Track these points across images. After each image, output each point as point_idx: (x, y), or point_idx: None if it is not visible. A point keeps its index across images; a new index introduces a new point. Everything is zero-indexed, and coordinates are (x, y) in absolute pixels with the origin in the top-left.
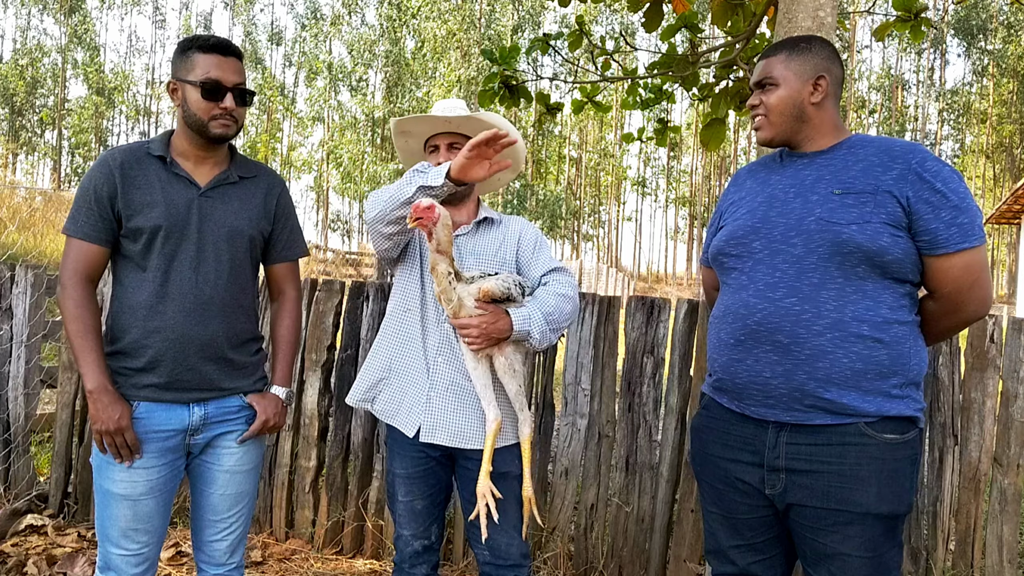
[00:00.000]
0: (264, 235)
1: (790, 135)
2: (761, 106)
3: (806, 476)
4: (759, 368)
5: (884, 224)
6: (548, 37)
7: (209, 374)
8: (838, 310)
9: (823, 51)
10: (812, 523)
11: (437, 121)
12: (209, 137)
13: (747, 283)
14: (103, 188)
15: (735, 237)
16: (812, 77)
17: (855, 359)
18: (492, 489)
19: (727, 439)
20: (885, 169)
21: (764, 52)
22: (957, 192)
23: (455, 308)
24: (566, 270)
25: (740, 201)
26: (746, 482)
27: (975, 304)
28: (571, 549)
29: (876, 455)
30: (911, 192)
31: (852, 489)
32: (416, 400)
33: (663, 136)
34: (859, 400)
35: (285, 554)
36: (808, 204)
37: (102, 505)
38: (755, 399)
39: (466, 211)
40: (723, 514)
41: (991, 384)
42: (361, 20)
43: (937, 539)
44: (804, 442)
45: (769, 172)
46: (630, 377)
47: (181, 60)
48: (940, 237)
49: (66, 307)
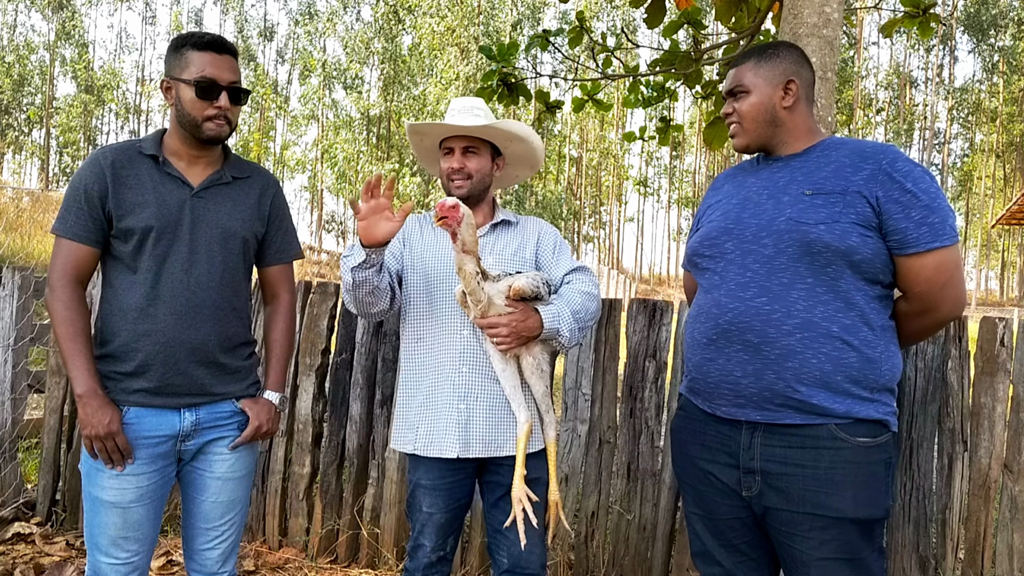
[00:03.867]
0: (258, 237)
1: (764, 140)
2: (734, 114)
3: (781, 479)
4: (730, 367)
5: (853, 224)
6: (548, 33)
7: (200, 379)
8: (808, 310)
9: (791, 56)
10: (788, 528)
11: (452, 128)
12: (202, 138)
13: (719, 283)
14: (93, 187)
15: (708, 238)
16: (782, 82)
17: (824, 360)
18: (529, 493)
19: (704, 439)
20: (856, 170)
21: (733, 61)
22: (928, 192)
23: (484, 308)
24: (588, 269)
25: (717, 204)
26: (724, 482)
27: (949, 304)
28: (571, 557)
29: (850, 458)
30: (881, 192)
31: (827, 493)
32: (449, 419)
33: (665, 135)
34: (828, 400)
35: (278, 563)
36: (780, 205)
37: (91, 513)
38: (726, 399)
39: (482, 213)
40: (705, 515)
41: (1001, 389)
42: (356, 16)
43: (946, 547)
44: (778, 444)
45: (746, 176)
46: (632, 382)
47: (175, 58)
48: (910, 236)
49: (55, 309)
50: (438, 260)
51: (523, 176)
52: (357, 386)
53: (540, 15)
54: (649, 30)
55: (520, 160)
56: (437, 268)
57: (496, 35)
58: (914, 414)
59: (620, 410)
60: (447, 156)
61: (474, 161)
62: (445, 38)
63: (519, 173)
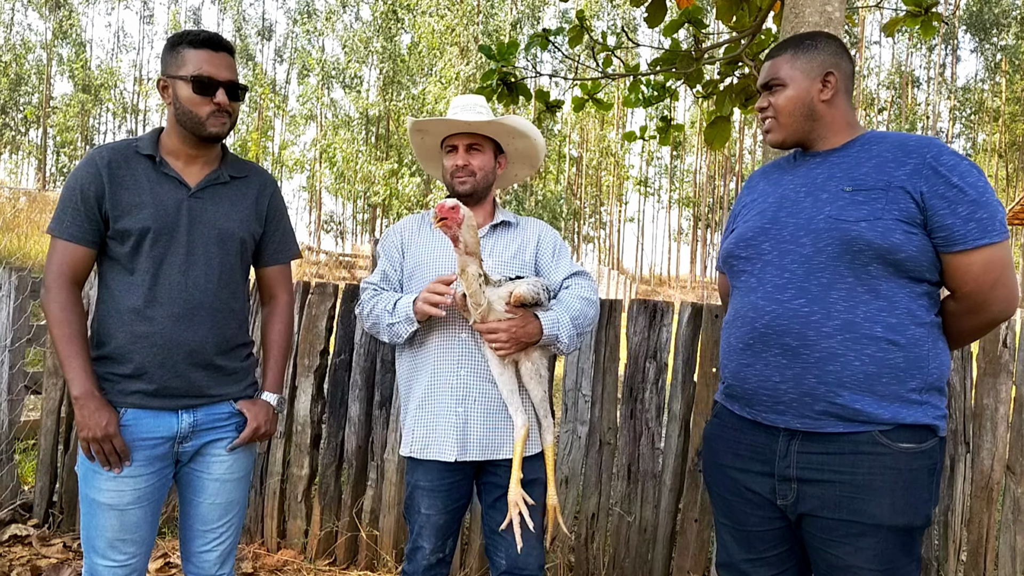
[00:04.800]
0: (255, 237)
1: (802, 135)
2: (770, 108)
3: (817, 486)
4: (768, 372)
5: (896, 220)
6: (548, 33)
7: (198, 380)
8: (849, 311)
9: (830, 46)
10: (824, 534)
11: (457, 124)
12: (201, 136)
13: (756, 285)
14: (90, 187)
15: (744, 239)
16: (820, 74)
17: (868, 362)
18: (524, 496)
19: (738, 448)
20: (898, 164)
21: (769, 52)
22: (975, 186)
23: (484, 312)
24: (587, 274)
25: (752, 203)
26: (756, 492)
27: (999, 304)
28: (572, 560)
29: (891, 465)
30: (925, 187)
31: (865, 500)
32: (447, 422)
33: (666, 135)
34: (873, 406)
35: (277, 565)
36: (818, 203)
37: (88, 515)
38: (765, 405)
39: (483, 213)
40: (734, 526)
41: (1004, 390)
42: (355, 15)
43: (948, 550)
44: (816, 451)
45: (782, 173)
46: (632, 383)
47: (171, 56)
48: (957, 233)
49: (51, 310)
50: (436, 261)
51: (523, 175)
52: (356, 387)
53: (540, 14)
54: (650, 29)
55: (522, 157)
56: (435, 270)
57: (496, 34)
58: None
59: (620, 411)
60: (450, 154)
61: (478, 158)
62: (444, 37)
63: (519, 172)
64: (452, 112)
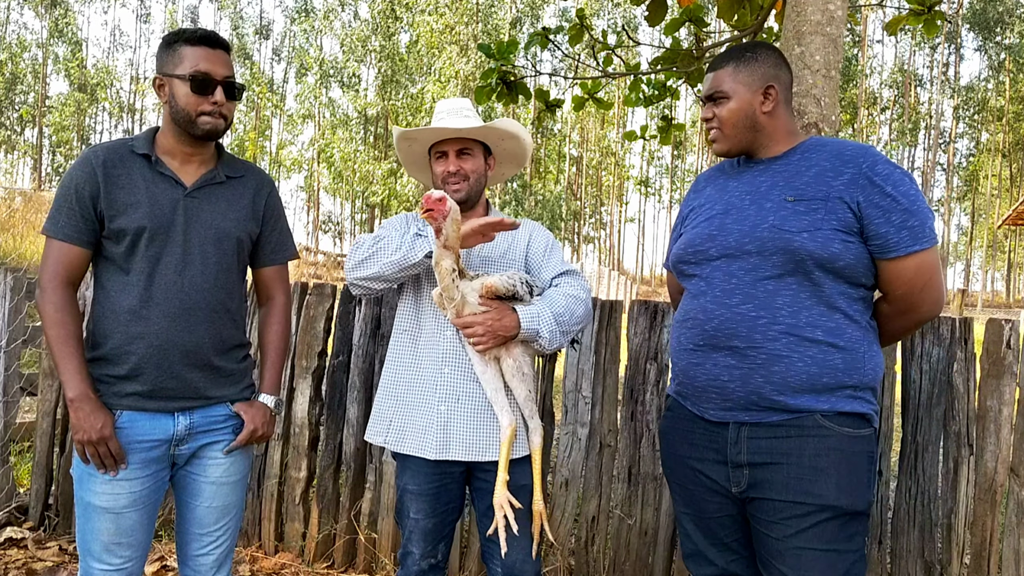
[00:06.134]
0: (252, 237)
1: (745, 146)
2: (714, 119)
3: (767, 469)
4: (717, 372)
5: (835, 231)
6: (548, 31)
7: (194, 382)
8: (792, 315)
9: (770, 58)
10: (770, 516)
11: (446, 132)
12: (198, 134)
13: (705, 289)
14: (85, 187)
15: (693, 245)
16: (761, 87)
17: (810, 363)
18: (511, 499)
19: (691, 438)
20: (836, 174)
21: (711, 63)
22: (907, 195)
23: (458, 306)
24: (578, 273)
25: (699, 208)
26: (713, 479)
27: (928, 305)
28: (572, 563)
29: (835, 446)
30: (861, 197)
31: (812, 481)
32: (428, 419)
33: (667, 134)
34: (813, 400)
35: (274, 568)
36: (762, 211)
37: (83, 518)
38: (714, 403)
39: (475, 215)
40: (695, 514)
41: (1007, 391)
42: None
43: (952, 552)
44: (764, 436)
45: (727, 179)
46: (632, 384)
47: (167, 54)
48: (891, 241)
49: (46, 311)
50: None
51: (509, 173)
52: (354, 389)
53: (540, 12)
54: (650, 28)
55: (510, 157)
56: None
57: (495, 33)
58: (919, 417)
59: (621, 413)
60: (440, 160)
61: (469, 162)
62: (443, 36)
63: (505, 171)
64: (438, 117)
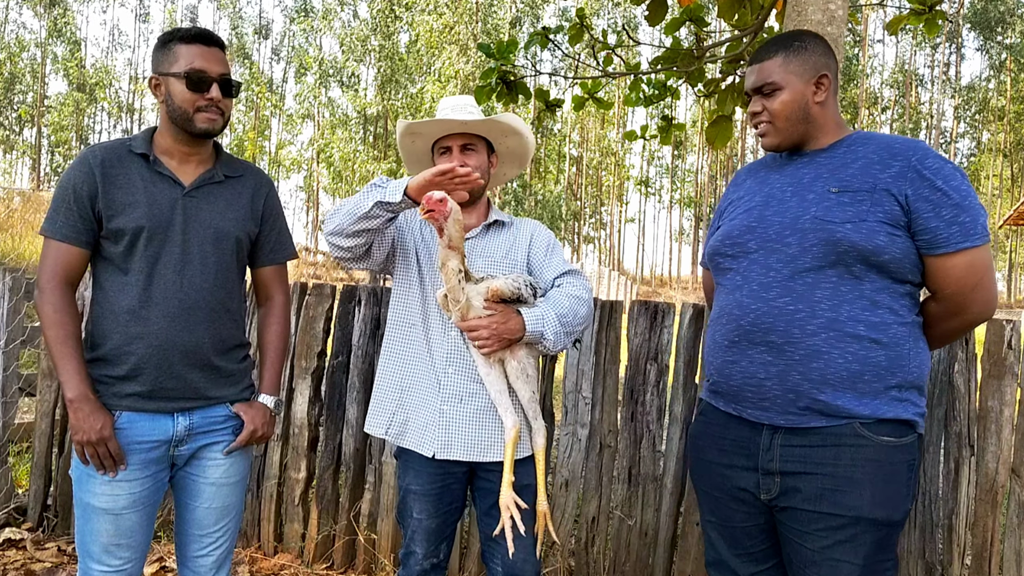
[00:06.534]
0: (251, 237)
1: (797, 138)
2: (764, 112)
3: (799, 478)
4: (753, 369)
5: (881, 222)
6: (548, 31)
7: (194, 382)
8: (833, 309)
9: (819, 46)
10: (803, 526)
11: (452, 124)
12: (195, 132)
13: (741, 283)
14: (83, 187)
15: (730, 237)
16: (814, 76)
17: (851, 360)
18: (517, 500)
19: (723, 444)
20: (884, 167)
21: (756, 54)
22: (959, 190)
23: (463, 309)
24: (580, 273)
25: (738, 201)
26: (742, 488)
27: (979, 306)
28: (571, 564)
29: (872, 457)
30: (910, 190)
31: (845, 492)
32: (430, 418)
33: (667, 134)
34: (854, 402)
35: (273, 569)
36: (804, 203)
37: (82, 519)
38: (750, 401)
39: (476, 213)
40: (721, 523)
41: (1009, 392)
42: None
43: (952, 553)
44: (798, 444)
45: (769, 171)
46: (633, 385)
47: (163, 53)
48: (940, 236)
49: (44, 312)
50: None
51: (511, 175)
52: (354, 389)
53: (540, 12)
54: (650, 27)
55: (512, 156)
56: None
57: (495, 32)
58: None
59: (621, 414)
60: (444, 156)
61: (473, 159)
62: (443, 36)
63: (507, 171)
64: (442, 113)
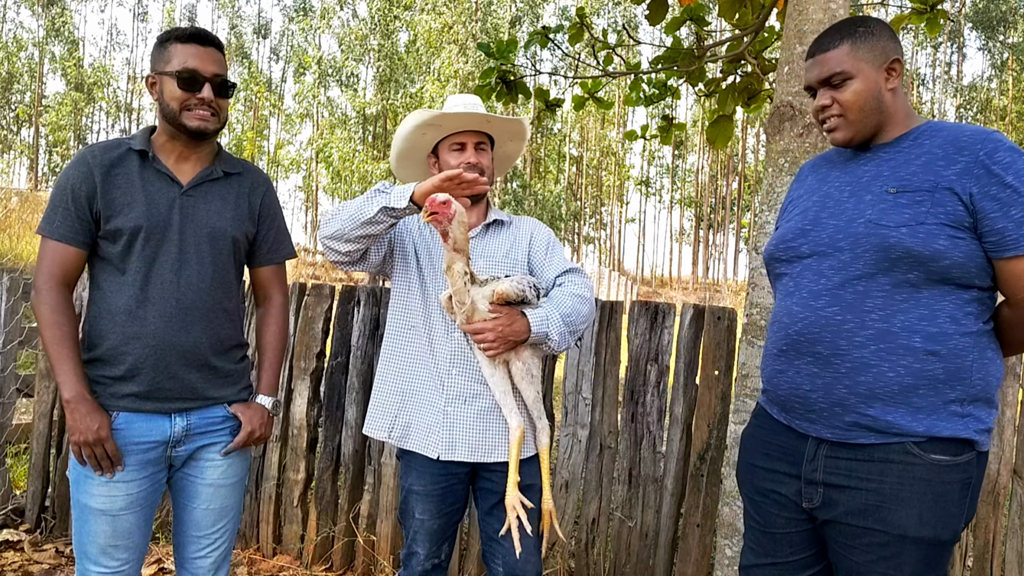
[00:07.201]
0: (248, 236)
1: (871, 130)
2: (834, 105)
3: (844, 492)
4: (799, 380)
5: (941, 225)
6: (547, 30)
7: (192, 382)
8: (885, 320)
9: (885, 31)
10: (848, 540)
11: (478, 119)
12: (187, 131)
13: (793, 289)
14: (81, 187)
15: (784, 241)
16: (884, 63)
17: (904, 373)
18: (523, 500)
19: (768, 449)
20: (948, 163)
21: (817, 45)
22: None
23: (468, 312)
24: (581, 271)
25: (797, 200)
26: (782, 494)
27: None
28: (572, 565)
29: (922, 476)
30: (975, 188)
31: (891, 510)
32: (433, 419)
33: (667, 134)
34: (907, 418)
35: (272, 571)
36: (861, 204)
37: (80, 520)
38: (797, 412)
39: (476, 213)
40: (762, 528)
41: (1011, 393)
42: (352, 13)
43: (954, 555)
44: (844, 456)
45: (830, 167)
46: (633, 386)
47: (159, 53)
48: (1009, 238)
49: (41, 312)
50: (438, 255)
51: (514, 159)
52: (353, 390)
53: (539, 11)
54: (651, 27)
55: (502, 160)
56: (436, 261)
57: (494, 32)
58: None
59: (621, 415)
60: (457, 152)
61: (485, 158)
62: (443, 35)
63: (511, 154)
64: (453, 109)
